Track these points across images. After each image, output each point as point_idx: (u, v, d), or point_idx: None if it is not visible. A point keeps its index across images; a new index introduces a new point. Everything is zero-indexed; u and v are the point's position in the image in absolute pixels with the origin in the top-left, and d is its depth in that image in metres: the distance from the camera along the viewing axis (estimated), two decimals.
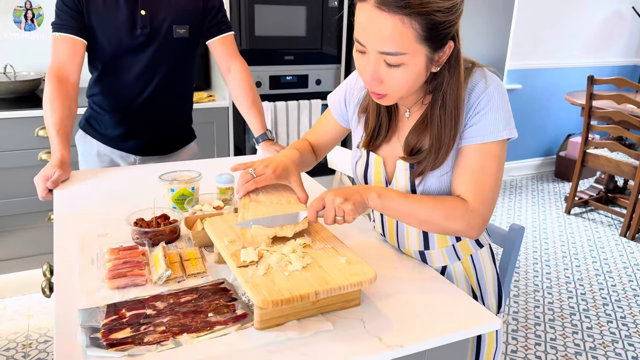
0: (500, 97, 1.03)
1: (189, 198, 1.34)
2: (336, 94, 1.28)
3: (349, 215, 1.00)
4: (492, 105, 1.02)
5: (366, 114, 1.17)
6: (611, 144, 3.36)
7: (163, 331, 0.87)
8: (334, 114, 1.29)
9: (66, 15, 1.58)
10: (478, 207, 1.03)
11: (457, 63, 1.01)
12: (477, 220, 1.03)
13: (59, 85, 1.56)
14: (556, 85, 4.38)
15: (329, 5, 2.82)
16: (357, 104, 1.21)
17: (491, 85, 1.03)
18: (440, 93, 1.02)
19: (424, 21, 0.90)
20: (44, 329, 2.24)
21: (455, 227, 1.03)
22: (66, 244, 1.16)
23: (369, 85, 1.00)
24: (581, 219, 3.71)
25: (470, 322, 0.94)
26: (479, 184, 1.03)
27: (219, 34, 1.75)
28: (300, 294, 0.86)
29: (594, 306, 2.64)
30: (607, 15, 4.42)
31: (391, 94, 1.00)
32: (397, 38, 0.91)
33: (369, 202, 1.03)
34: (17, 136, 2.25)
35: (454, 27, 0.95)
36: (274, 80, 2.85)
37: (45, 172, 1.46)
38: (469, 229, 1.04)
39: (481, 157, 1.03)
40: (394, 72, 0.96)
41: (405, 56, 0.93)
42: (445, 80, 1.01)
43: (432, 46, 0.94)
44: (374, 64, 0.96)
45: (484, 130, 1.02)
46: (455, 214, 1.03)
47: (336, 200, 1.00)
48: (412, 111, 1.11)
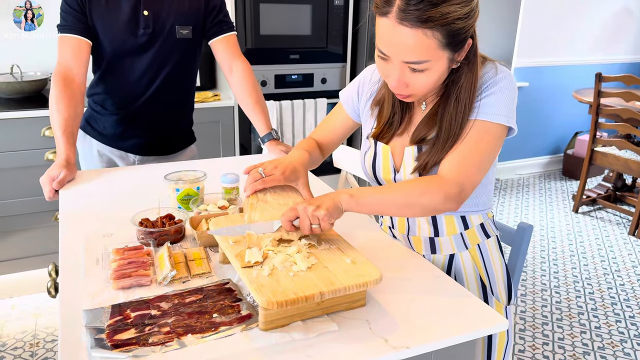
0: (507, 85, 1.06)
1: (194, 198, 1.34)
2: (348, 89, 1.31)
3: (323, 221, 0.99)
4: (497, 90, 1.05)
5: (380, 106, 1.19)
6: (619, 142, 3.33)
7: (168, 332, 0.87)
8: (346, 109, 1.31)
9: (70, 17, 1.59)
10: (455, 178, 1.03)
11: (474, 57, 1.05)
12: (454, 190, 1.02)
13: (65, 86, 1.57)
14: (564, 83, 4.35)
15: (334, 4, 2.81)
16: (370, 98, 1.24)
17: (500, 74, 1.07)
18: (456, 87, 1.06)
19: (445, 30, 0.94)
20: (51, 328, 2.25)
21: (434, 200, 1.02)
22: (71, 244, 1.17)
23: (395, 89, 1.04)
24: (589, 218, 3.68)
25: (478, 323, 0.93)
26: (463, 156, 1.04)
27: (220, 34, 1.75)
28: (305, 295, 0.86)
29: (602, 305, 2.61)
30: (615, 12, 4.38)
31: (416, 93, 1.05)
32: (421, 49, 0.95)
33: (342, 205, 1.02)
34: (23, 136, 2.26)
35: (472, 29, 0.99)
36: (279, 79, 2.84)
37: (51, 172, 1.46)
38: (447, 201, 1.02)
39: (476, 133, 1.05)
40: (419, 76, 1.00)
41: (430, 62, 0.97)
42: (464, 75, 1.05)
43: (454, 49, 0.98)
44: (399, 71, 1.00)
45: (484, 108, 1.05)
46: (431, 188, 1.02)
47: (308, 208, 0.99)
48: (427, 103, 1.14)
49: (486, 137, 1.05)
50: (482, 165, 1.05)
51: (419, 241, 1.22)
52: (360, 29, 2.94)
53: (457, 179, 1.03)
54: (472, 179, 1.04)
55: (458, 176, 1.03)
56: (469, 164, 1.04)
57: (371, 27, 2.85)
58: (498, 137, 1.06)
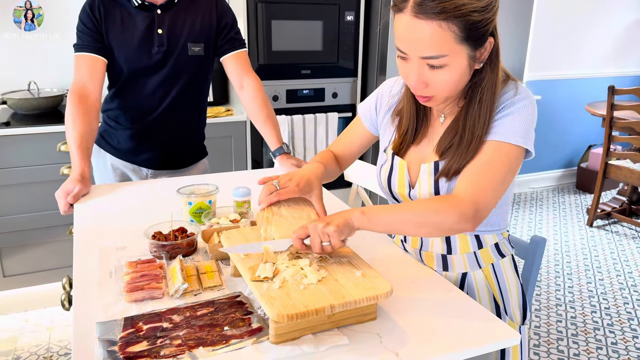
0: (525, 107, 1.04)
1: (206, 211, 1.35)
2: (366, 102, 1.31)
3: (333, 238, 0.97)
4: (514, 111, 1.04)
5: (400, 116, 1.19)
6: (634, 155, 3.30)
7: (179, 345, 0.87)
8: (364, 122, 1.31)
9: (86, 36, 1.63)
10: (472, 198, 1.00)
11: (497, 59, 1.03)
12: (469, 210, 0.99)
13: (80, 103, 1.60)
14: (576, 96, 4.32)
15: (345, 20, 2.84)
16: (388, 110, 1.24)
17: (519, 95, 1.05)
18: (479, 89, 1.04)
19: (461, 23, 0.93)
20: (64, 341, 2.26)
21: (449, 220, 1.00)
22: (86, 257, 1.18)
23: (415, 89, 1.03)
24: (604, 232, 3.63)
25: (489, 337, 0.93)
26: (480, 177, 1.02)
27: (231, 51, 1.77)
28: (315, 308, 0.86)
29: (618, 321, 2.57)
30: (626, 25, 4.36)
31: (437, 95, 1.03)
32: (437, 42, 0.94)
33: (353, 222, 1.00)
34: (40, 151, 2.30)
35: (491, 24, 0.98)
36: (291, 94, 2.86)
37: (65, 186, 1.49)
38: (462, 220, 0.99)
39: (491, 153, 1.03)
40: (438, 74, 0.98)
41: (447, 57, 0.96)
42: (487, 76, 1.03)
43: (473, 45, 0.96)
44: (418, 69, 0.99)
45: (501, 129, 1.03)
46: (446, 207, 1.00)
47: (318, 225, 0.98)
48: (446, 116, 1.13)
49: (501, 157, 1.02)
50: (498, 186, 1.03)
51: (431, 257, 1.21)
52: (370, 44, 2.96)
53: (473, 199, 1.00)
54: (487, 199, 1.01)
55: (474, 195, 1.00)
56: (484, 185, 1.01)
57: (382, 41, 2.87)
58: (514, 159, 1.03)
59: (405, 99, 1.17)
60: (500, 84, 1.05)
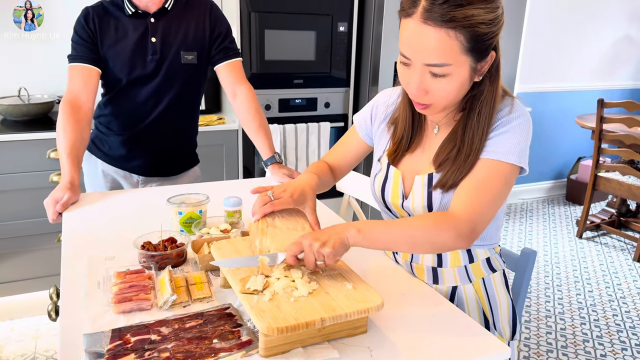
0: (519, 125, 1.05)
1: (197, 221, 1.34)
2: (362, 113, 1.31)
3: (328, 259, 0.96)
4: (509, 129, 1.04)
5: (395, 124, 1.19)
6: (623, 168, 3.33)
7: (167, 357, 0.86)
8: (359, 132, 1.31)
9: (80, 47, 1.63)
10: (468, 216, 1.00)
11: (497, 73, 1.04)
12: (466, 228, 1.00)
13: (73, 113, 1.60)
14: (566, 109, 4.37)
15: (338, 30, 2.86)
16: (383, 120, 1.24)
17: (515, 113, 1.06)
18: (478, 102, 1.04)
19: (468, 33, 0.93)
20: (50, 350, 2.23)
21: (445, 236, 1.00)
22: (74, 267, 1.17)
23: (415, 96, 1.02)
24: (593, 243, 3.65)
25: (479, 351, 0.92)
26: (476, 195, 1.02)
27: (225, 60, 1.77)
28: (305, 321, 0.85)
29: (607, 333, 2.58)
30: (616, 39, 4.42)
31: (436, 104, 1.03)
32: (443, 50, 0.94)
33: (349, 240, 0.99)
34: (29, 158, 2.28)
35: (496, 38, 0.99)
36: (283, 103, 2.87)
37: (54, 194, 1.47)
38: (459, 238, 1.00)
39: (486, 171, 1.04)
40: (439, 83, 0.98)
41: (451, 67, 0.96)
42: (486, 89, 1.04)
43: (476, 57, 0.97)
44: (420, 76, 0.99)
45: (496, 147, 1.04)
46: (442, 224, 1.00)
47: (314, 245, 0.96)
48: (441, 127, 1.13)
49: (497, 175, 1.03)
50: (493, 203, 1.03)
51: (421, 270, 1.20)
52: (363, 55, 2.98)
53: (470, 217, 1.00)
54: (483, 217, 1.02)
55: (471, 214, 1.00)
56: (480, 202, 1.02)
57: (374, 51, 2.88)
58: (509, 176, 1.04)
59: (402, 106, 1.17)
60: (499, 98, 1.05)
